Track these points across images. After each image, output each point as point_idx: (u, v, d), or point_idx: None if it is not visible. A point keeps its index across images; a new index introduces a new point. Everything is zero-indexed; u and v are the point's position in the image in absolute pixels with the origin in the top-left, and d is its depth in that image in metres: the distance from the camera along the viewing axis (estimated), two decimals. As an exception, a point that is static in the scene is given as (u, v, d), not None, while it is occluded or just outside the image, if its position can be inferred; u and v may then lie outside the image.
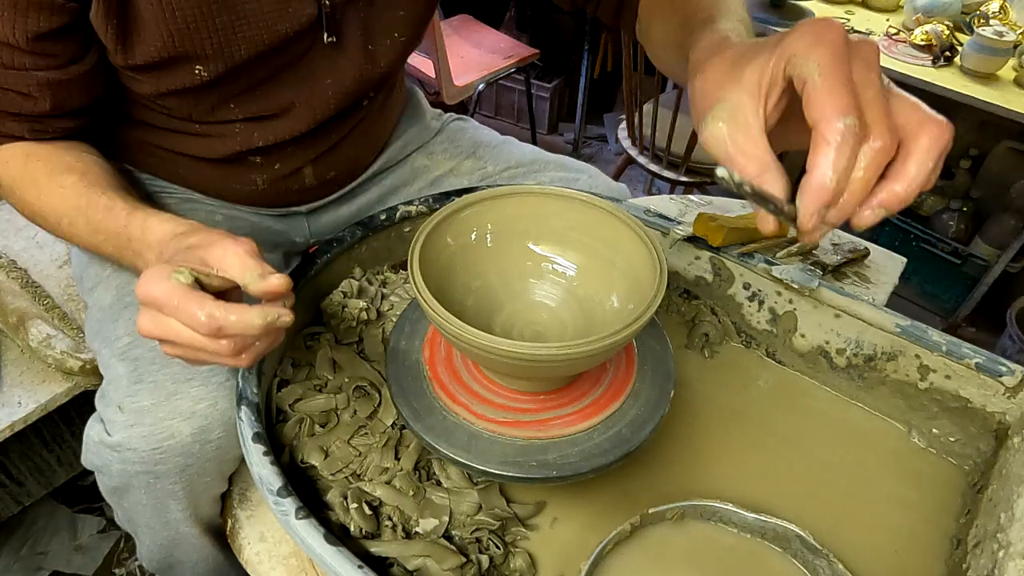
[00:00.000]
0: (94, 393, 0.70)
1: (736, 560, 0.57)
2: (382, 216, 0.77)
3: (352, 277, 0.74)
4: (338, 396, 0.65)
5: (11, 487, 1.07)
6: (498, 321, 0.61)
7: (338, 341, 0.70)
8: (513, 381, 0.58)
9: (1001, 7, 1.71)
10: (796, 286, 0.69)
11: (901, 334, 0.66)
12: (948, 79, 1.54)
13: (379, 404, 0.65)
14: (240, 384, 0.59)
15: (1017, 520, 0.52)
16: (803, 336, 0.73)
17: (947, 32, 1.62)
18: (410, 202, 0.79)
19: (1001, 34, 1.48)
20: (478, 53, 2.15)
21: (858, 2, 1.90)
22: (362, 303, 0.70)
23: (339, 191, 0.90)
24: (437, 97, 1.94)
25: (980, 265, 1.83)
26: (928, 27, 1.63)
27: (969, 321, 1.91)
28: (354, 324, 0.69)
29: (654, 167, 1.84)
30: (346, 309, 0.70)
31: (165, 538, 0.73)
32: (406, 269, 0.72)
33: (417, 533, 0.56)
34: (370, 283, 0.75)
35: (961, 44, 1.59)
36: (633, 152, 1.90)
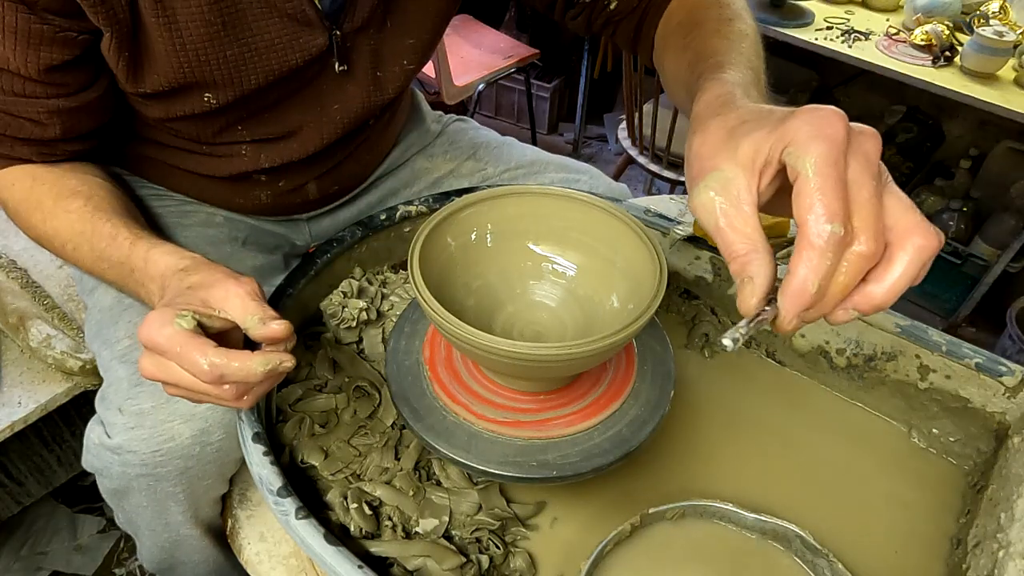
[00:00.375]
0: (94, 393, 0.70)
1: (736, 560, 0.57)
2: (382, 216, 0.77)
3: (352, 277, 0.75)
4: (338, 396, 0.65)
5: (11, 487, 1.07)
6: (498, 321, 0.61)
7: (338, 341, 0.70)
8: (513, 381, 0.58)
9: (1001, 7, 1.71)
10: (796, 286, 0.69)
11: (901, 334, 0.66)
12: (948, 79, 1.54)
13: (379, 404, 0.65)
14: (240, 384, 0.58)
15: (1017, 520, 0.52)
16: (803, 336, 0.73)
17: (947, 32, 1.62)
18: (410, 202, 0.79)
19: (1001, 34, 1.48)
20: (478, 53, 2.15)
21: (858, 2, 1.90)
22: (362, 303, 0.70)
23: (341, 200, 0.91)
24: (437, 97, 1.94)
25: (980, 265, 1.83)
26: (928, 27, 1.63)
27: (969, 321, 1.91)
28: (354, 324, 0.70)
29: (654, 167, 1.84)
30: (346, 309, 0.70)
31: (166, 539, 0.73)
32: (406, 269, 0.72)
33: (417, 533, 0.56)
34: (370, 283, 0.75)
35: (961, 44, 1.59)
36: (633, 152, 1.90)
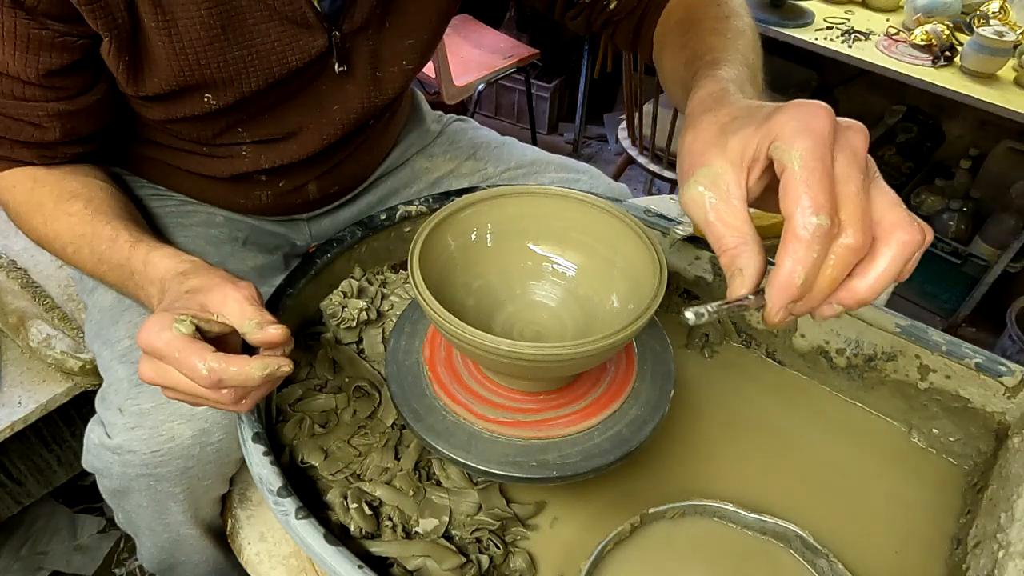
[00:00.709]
0: (94, 393, 0.70)
1: (737, 560, 0.57)
2: (382, 216, 0.77)
3: (352, 277, 0.75)
4: (338, 396, 0.65)
5: (11, 487, 1.07)
6: (498, 321, 0.61)
7: (338, 341, 0.70)
8: (513, 381, 0.58)
9: (1001, 7, 1.71)
10: (796, 286, 0.69)
11: (901, 334, 0.66)
12: (948, 79, 1.53)
13: (379, 404, 0.65)
14: (240, 384, 0.58)
15: (1017, 520, 0.52)
16: (803, 336, 0.73)
17: (947, 32, 1.62)
18: (410, 202, 0.79)
19: (1001, 34, 1.48)
20: (478, 53, 2.15)
21: (858, 2, 1.90)
22: (362, 303, 0.70)
23: (341, 200, 0.91)
24: (437, 97, 1.94)
25: (980, 265, 1.83)
26: (928, 27, 1.63)
27: (969, 321, 1.91)
28: (354, 324, 0.70)
29: (654, 167, 1.84)
30: (346, 309, 0.70)
31: (166, 540, 0.73)
32: (406, 269, 0.72)
33: (417, 533, 0.56)
34: (370, 283, 0.75)
35: (961, 44, 1.59)
36: (633, 152, 1.90)
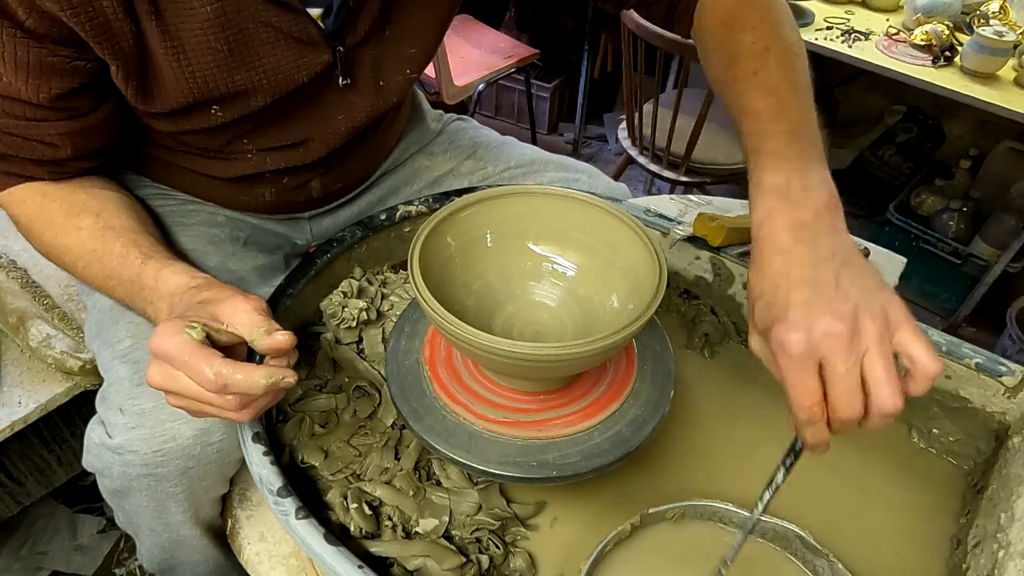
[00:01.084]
0: (94, 393, 0.70)
1: (737, 559, 0.57)
2: (382, 216, 0.77)
3: (352, 277, 0.75)
4: (338, 396, 0.65)
5: (11, 487, 1.07)
6: (498, 321, 0.61)
7: (338, 341, 0.70)
8: (513, 381, 0.58)
9: (1001, 7, 1.71)
10: (796, 286, 0.69)
11: (901, 334, 0.66)
12: (948, 79, 1.53)
13: (379, 404, 0.65)
14: (240, 384, 0.59)
15: (1017, 520, 0.52)
16: (803, 336, 0.72)
17: (947, 32, 1.62)
18: (410, 202, 0.79)
19: (1001, 34, 1.48)
20: (478, 53, 2.15)
21: (858, 2, 1.90)
22: (362, 303, 0.70)
23: (343, 198, 0.91)
24: (437, 97, 1.94)
25: (980, 265, 1.83)
26: (928, 27, 1.63)
27: (969, 321, 1.91)
28: (354, 324, 0.70)
29: (654, 167, 1.84)
30: (346, 309, 0.70)
31: (166, 540, 0.73)
32: (406, 269, 0.72)
33: (417, 533, 0.56)
34: (370, 283, 0.75)
35: (961, 44, 1.59)
36: (633, 152, 1.90)
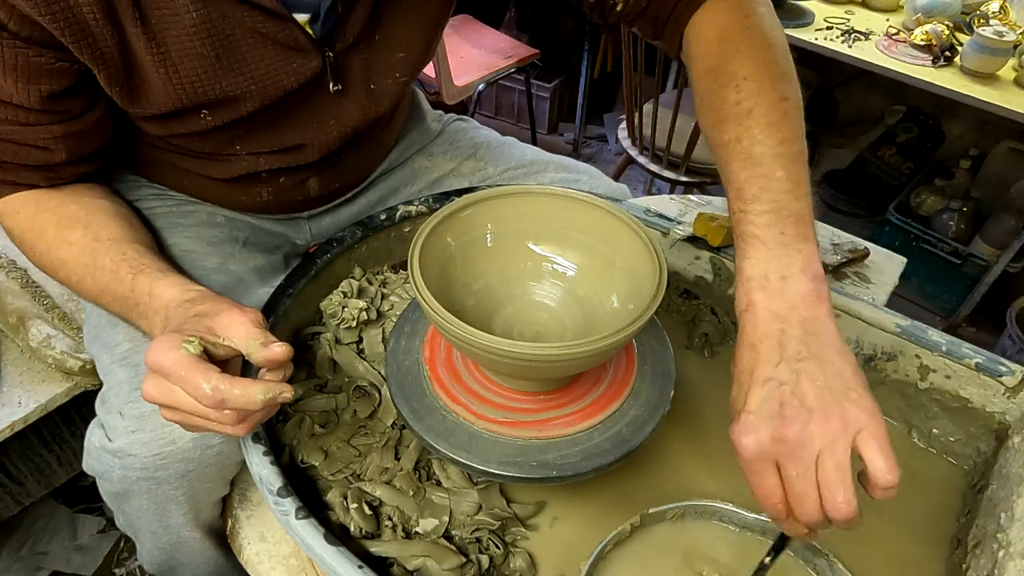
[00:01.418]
0: (94, 393, 0.70)
1: (737, 559, 0.57)
2: (382, 216, 0.77)
3: (352, 277, 0.75)
4: (338, 396, 0.65)
5: (11, 487, 1.07)
6: (498, 321, 0.61)
7: (338, 341, 0.70)
8: (513, 381, 0.58)
9: (1001, 7, 1.71)
10: (796, 286, 0.69)
11: (901, 334, 0.66)
12: (948, 79, 1.53)
13: (379, 404, 0.65)
14: (240, 384, 0.58)
15: (1017, 520, 0.52)
16: (803, 336, 0.72)
17: (947, 32, 1.62)
18: (410, 202, 0.79)
19: (1001, 34, 1.48)
20: (478, 53, 2.15)
21: (858, 2, 1.90)
22: (362, 303, 0.70)
23: (342, 198, 0.91)
24: (437, 97, 1.94)
25: (980, 265, 1.83)
26: (928, 27, 1.63)
27: (969, 321, 1.91)
28: (354, 324, 0.70)
29: (654, 167, 1.84)
30: (346, 309, 0.70)
31: (166, 542, 0.73)
32: (406, 269, 0.72)
33: (417, 533, 0.56)
34: (370, 283, 0.75)
35: (961, 44, 1.59)
36: (633, 152, 1.90)
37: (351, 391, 0.65)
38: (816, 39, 1.67)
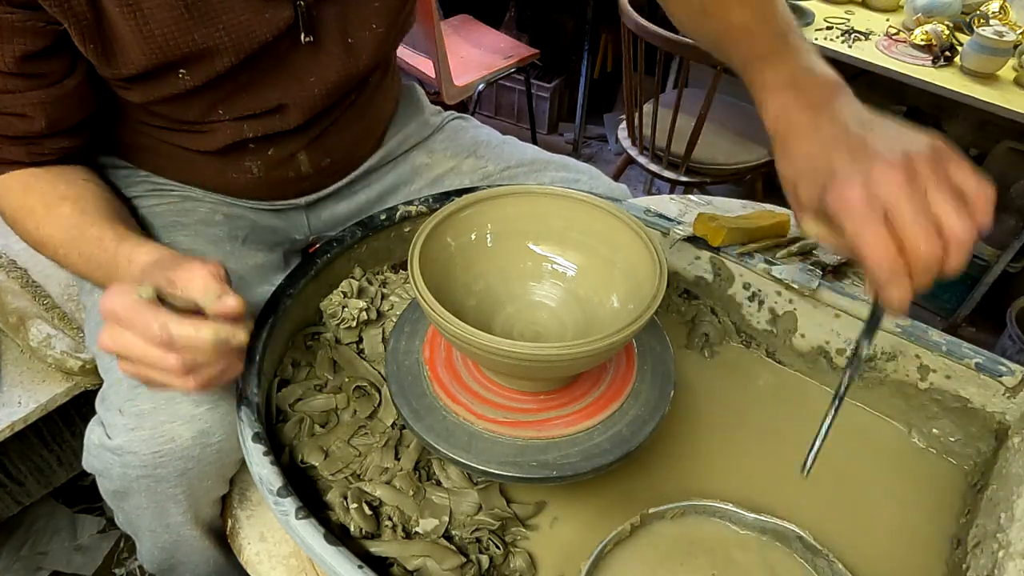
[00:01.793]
0: (94, 393, 0.70)
1: (737, 560, 0.57)
2: (382, 216, 0.77)
3: (352, 277, 0.75)
4: (338, 396, 0.65)
5: (11, 487, 1.07)
6: (498, 321, 0.61)
7: (338, 341, 0.70)
8: (513, 381, 0.58)
9: (1001, 7, 1.71)
10: (796, 286, 0.69)
11: (901, 334, 0.66)
12: (948, 79, 1.53)
13: (379, 404, 0.65)
14: (240, 384, 0.59)
15: (1017, 520, 0.52)
16: (803, 336, 0.73)
17: (947, 32, 1.62)
18: (410, 202, 0.79)
19: (1001, 34, 1.48)
20: (478, 53, 2.15)
21: (858, 2, 1.90)
22: (362, 303, 0.70)
23: (337, 182, 0.90)
24: (437, 97, 1.94)
25: (980, 265, 1.83)
26: (928, 27, 1.63)
27: (969, 321, 1.91)
28: (354, 324, 0.70)
29: (654, 167, 1.84)
30: (346, 309, 0.70)
31: (166, 541, 0.73)
32: (406, 269, 0.72)
33: (417, 533, 0.56)
34: (370, 283, 0.75)
35: (961, 44, 1.59)
36: (633, 152, 1.90)
37: (351, 391, 0.65)
38: (816, 39, 1.67)
